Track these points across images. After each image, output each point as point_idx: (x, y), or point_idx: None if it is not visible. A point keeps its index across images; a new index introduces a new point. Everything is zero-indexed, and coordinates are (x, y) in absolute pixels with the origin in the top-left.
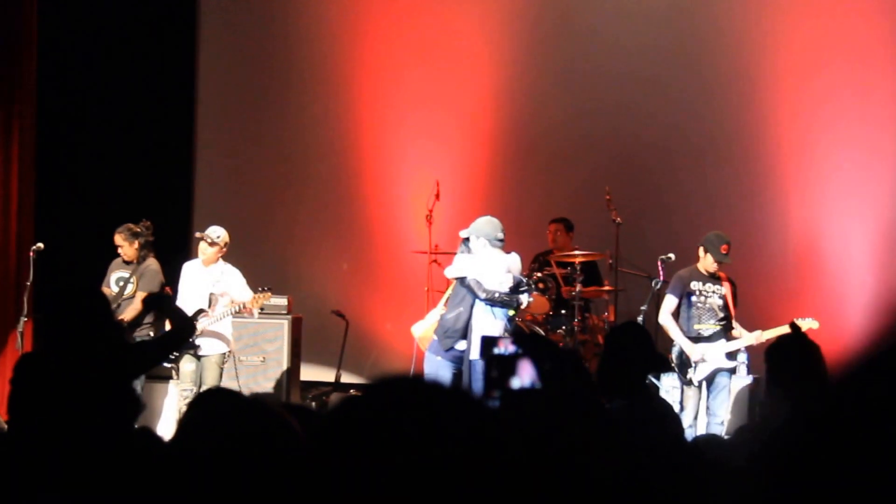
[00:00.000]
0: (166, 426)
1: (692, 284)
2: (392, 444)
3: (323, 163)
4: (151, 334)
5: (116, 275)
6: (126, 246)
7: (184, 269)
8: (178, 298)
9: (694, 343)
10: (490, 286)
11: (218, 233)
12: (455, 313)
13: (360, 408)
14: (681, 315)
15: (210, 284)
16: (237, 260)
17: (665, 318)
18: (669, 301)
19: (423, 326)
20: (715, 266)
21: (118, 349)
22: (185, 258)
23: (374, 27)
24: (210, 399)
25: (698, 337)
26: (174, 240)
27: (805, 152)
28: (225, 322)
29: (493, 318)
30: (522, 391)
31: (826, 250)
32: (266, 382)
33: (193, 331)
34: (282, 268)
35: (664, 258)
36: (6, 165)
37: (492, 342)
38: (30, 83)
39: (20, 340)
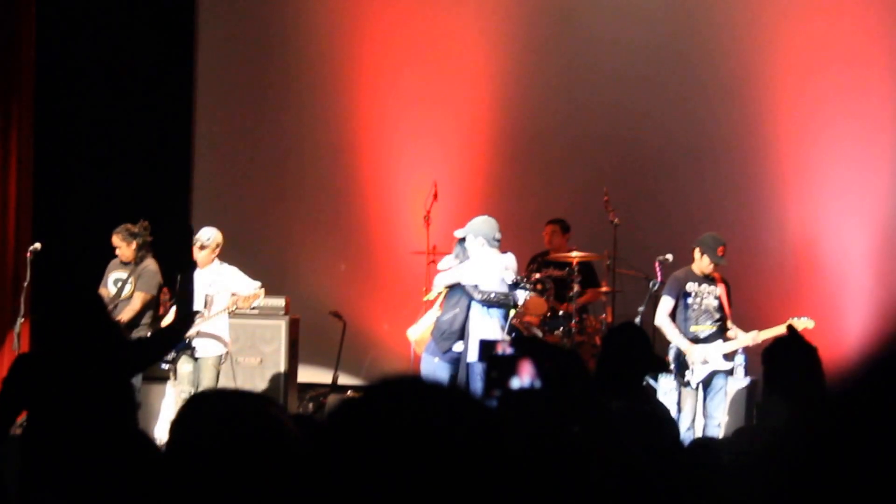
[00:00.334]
0: (163, 428)
1: (688, 286)
2: (392, 445)
3: (321, 164)
4: (149, 335)
5: (114, 275)
6: (123, 246)
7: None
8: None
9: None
10: (486, 287)
11: (208, 234)
12: (451, 315)
13: (361, 408)
14: (677, 316)
15: (206, 286)
16: (235, 261)
17: (662, 319)
18: (666, 302)
19: (419, 329)
20: (711, 268)
21: (115, 348)
22: None
23: (373, 28)
24: (202, 402)
25: (695, 338)
26: (172, 241)
27: (802, 153)
28: (222, 323)
29: (490, 319)
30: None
31: (823, 251)
32: (263, 384)
33: (190, 324)
34: (279, 269)
35: (662, 259)
36: (4, 166)
37: (490, 345)
38: (27, 84)
39: (17, 341)
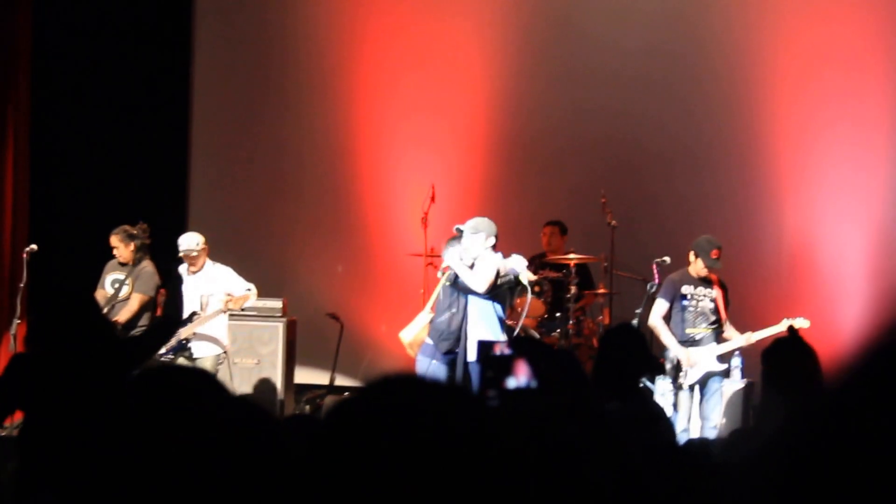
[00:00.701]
0: None
1: (683, 288)
2: (391, 444)
3: (319, 166)
4: (141, 333)
5: (112, 276)
6: (121, 247)
7: (180, 271)
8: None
9: (687, 347)
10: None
11: (195, 241)
12: (447, 316)
13: (359, 407)
14: (673, 319)
15: (200, 288)
16: (233, 263)
17: (655, 321)
18: (660, 305)
19: (412, 331)
20: (706, 271)
21: (110, 348)
22: (181, 261)
23: (370, 33)
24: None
25: (691, 341)
26: (169, 242)
27: (799, 156)
28: (219, 324)
29: (489, 319)
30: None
31: (820, 253)
32: (260, 385)
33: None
34: (277, 270)
35: (659, 261)
36: (1, 167)
37: (488, 346)
38: (24, 85)
39: (13, 342)
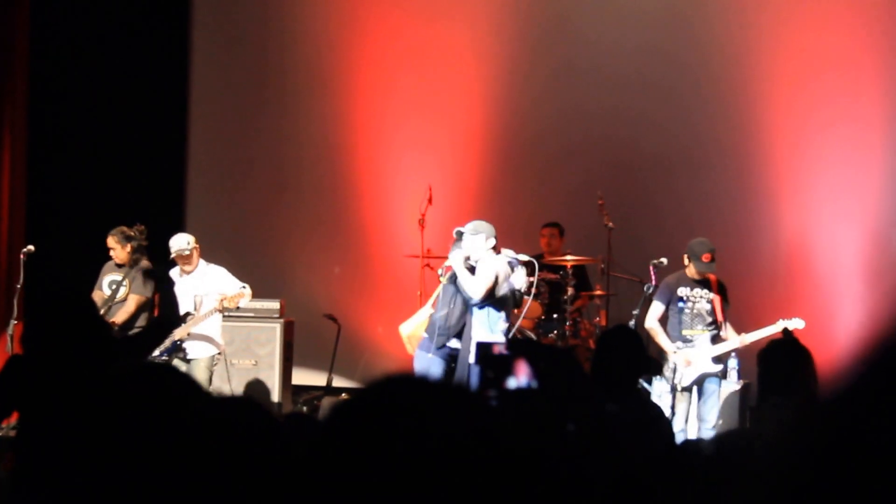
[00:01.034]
0: None
1: (679, 290)
2: (391, 443)
3: (316, 167)
4: (137, 333)
5: (109, 278)
6: (118, 249)
7: (171, 275)
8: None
9: (684, 348)
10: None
11: (186, 240)
12: (444, 312)
13: (360, 406)
14: (670, 321)
15: (194, 288)
16: (230, 263)
17: (651, 323)
18: (656, 307)
19: (411, 325)
20: (699, 275)
21: (107, 349)
22: (171, 264)
23: (368, 35)
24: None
25: (689, 343)
26: (166, 244)
27: (796, 157)
28: (213, 324)
29: (489, 320)
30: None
31: (817, 254)
32: (258, 386)
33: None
34: (275, 271)
35: (656, 263)
36: None
37: (487, 347)
38: (21, 87)
39: (10, 343)
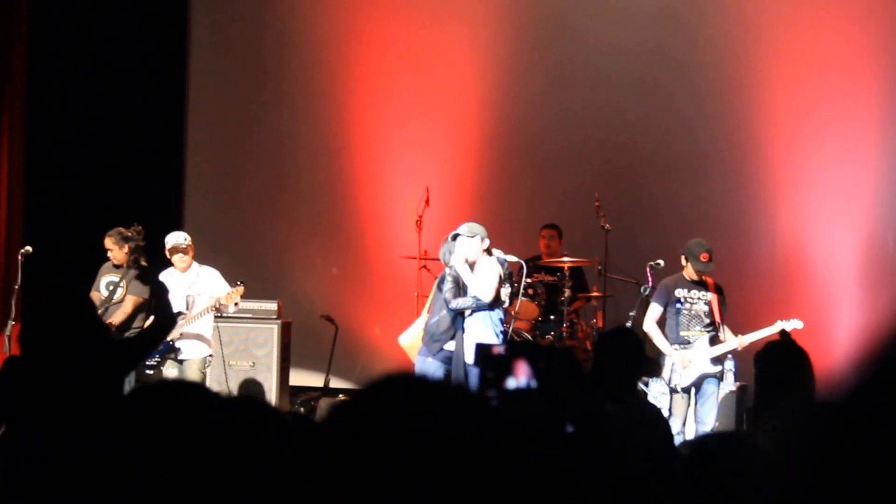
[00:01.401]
0: None
1: (677, 292)
2: (392, 443)
3: (314, 169)
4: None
5: (106, 279)
6: (116, 249)
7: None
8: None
9: (681, 349)
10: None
11: (183, 237)
12: (438, 317)
13: (361, 406)
14: (667, 322)
15: (186, 288)
16: (227, 265)
17: (649, 325)
18: (654, 309)
19: (410, 335)
20: (697, 275)
21: (105, 350)
22: (163, 267)
23: (366, 37)
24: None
25: (686, 343)
26: (163, 245)
27: (793, 158)
28: (205, 323)
29: (486, 321)
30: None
31: (814, 255)
32: (255, 387)
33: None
34: (272, 272)
35: (653, 264)
36: None
37: (486, 348)
38: (19, 86)
39: (8, 344)
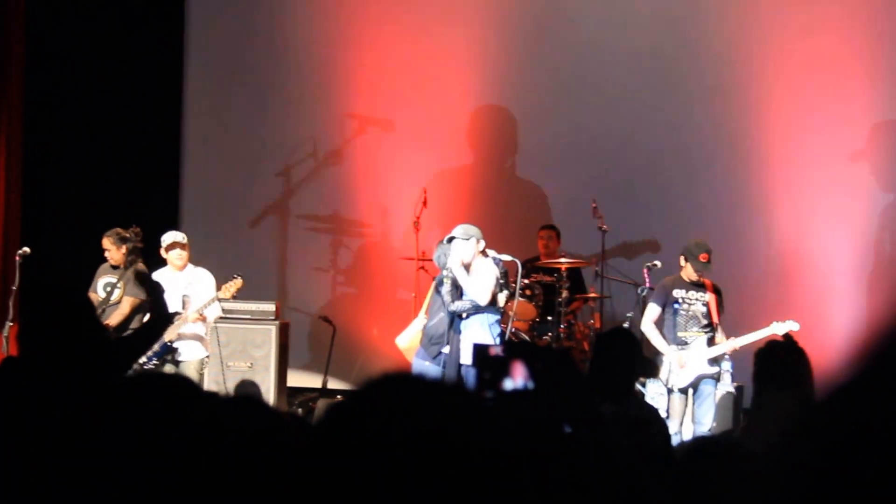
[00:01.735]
0: None
1: (675, 293)
2: (390, 443)
3: (311, 169)
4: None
5: (104, 280)
6: (113, 250)
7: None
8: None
9: (679, 350)
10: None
11: (180, 234)
12: (436, 319)
13: (359, 405)
14: (665, 323)
15: (182, 288)
16: (225, 265)
17: (647, 326)
18: (652, 310)
19: (408, 337)
20: (696, 275)
21: (103, 351)
22: (155, 268)
23: (365, 38)
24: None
25: (683, 344)
26: (160, 246)
27: (790, 160)
28: (201, 325)
29: (483, 322)
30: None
31: (810, 257)
32: (253, 388)
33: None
34: (270, 273)
35: (650, 265)
36: None
37: (484, 349)
38: (16, 89)
39: (6, 345)
